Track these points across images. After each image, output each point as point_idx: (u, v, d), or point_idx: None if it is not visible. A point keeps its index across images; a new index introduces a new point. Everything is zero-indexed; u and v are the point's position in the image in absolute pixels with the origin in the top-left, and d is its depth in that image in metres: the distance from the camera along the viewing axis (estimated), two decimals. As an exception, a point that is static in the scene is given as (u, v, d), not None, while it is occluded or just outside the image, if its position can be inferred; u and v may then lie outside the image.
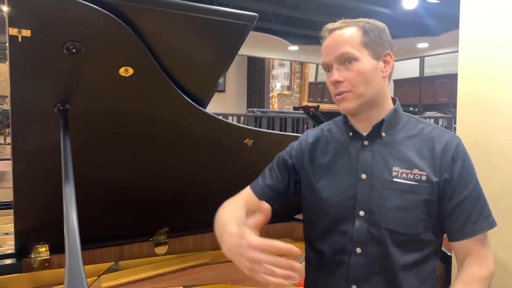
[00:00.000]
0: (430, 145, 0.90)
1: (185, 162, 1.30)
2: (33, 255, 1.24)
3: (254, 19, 0.98)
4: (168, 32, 0.96)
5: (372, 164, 0.90)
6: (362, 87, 0.89)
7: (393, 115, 0.94)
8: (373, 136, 0.93)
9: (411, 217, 0.87)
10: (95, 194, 1.21)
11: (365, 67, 0.88)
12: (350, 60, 0.89)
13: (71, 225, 0.76)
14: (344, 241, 0.91)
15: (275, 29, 7.34)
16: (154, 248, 1.44)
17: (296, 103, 10.97)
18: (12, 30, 0.76)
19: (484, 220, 0.90)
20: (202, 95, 1.14)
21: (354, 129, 0.95)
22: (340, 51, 0.89)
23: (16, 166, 1.05)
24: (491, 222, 0.91)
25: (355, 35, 0.90)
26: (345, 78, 0.89)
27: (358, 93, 0.89)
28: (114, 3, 0.84)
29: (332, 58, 0.90)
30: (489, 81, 1.41)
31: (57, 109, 0.96)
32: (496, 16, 1.38)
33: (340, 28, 0.91)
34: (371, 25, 0.92)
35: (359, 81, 0.88)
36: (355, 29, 0.90)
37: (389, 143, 0.92)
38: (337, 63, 0.90)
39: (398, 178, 0.88)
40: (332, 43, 0.91)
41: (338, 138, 0.98)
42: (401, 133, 0.93)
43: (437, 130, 0.93)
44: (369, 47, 0.90)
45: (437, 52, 8.61)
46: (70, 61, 0.88)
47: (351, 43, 0.89)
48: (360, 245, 0.89)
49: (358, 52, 0.88)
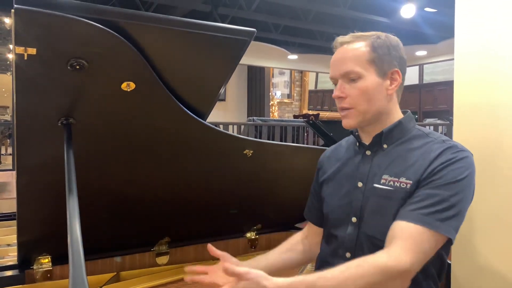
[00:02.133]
0: (425, 155, 0.89)
1: (186, 173, 1.32)
2: (35, 266, 1.25)
3: (253, 34, 1.01)
4: (169, 48, 0.99)
5: (369, 173, 0.93)
6: (364, 105, 0.90)
7: (395, 127, 0.93)
8: (375, 147, 0.95)
9: (384, 222, 0.86)
10: (97, 206, 1.22)
11: (368, 85, 0.89)
12: (354, 79, 0.90)
13: (75, 236, 0.78)
14: (338, 245, 0.95)
15: (275, 38, 7.42)
16: (155, 258, 1.45)
17: (296, 111, 11.02)
18: (18, 48, 0.78)
19: (438, 220, 0.80)
20: (203, 107, 1.16)
21: (360, 140, 0.98)
22: (345, 69, 0.90)
23: (20, 178, 1.07)
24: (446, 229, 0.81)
25: (362, 51, 0.90)
26: (347, 94, 0.90)
27: (360, 111, 0.90)
28: (117, 22, 0.86)
29: (337, 73, 0.92)
30: (485, 89, 1.43)
31: (61, 123, 0.98)
32: (490, 24, 1.41)
33: (349, 43, 0.92)
34: (381, 41, 0.91)
35: (361, 99, 0.89)
36: (363, 44, 0.90)
37: (389, 154, 0.93)
38: (342, 79, 0.91)
39: (382, 185, 0.89)
40: (339, 58, 0.92)
41: (350, 148, 1.03)
42: (404, 145, 0.93)
43: (442, 143, 0.90)
44: (375, 64, 0.90)
45: (436, 59, 8.68)
46: (74, 77, 0.90)
47: (356, 60, 0.89)
48: (350, 250, 0.93)
49: (363, 70, 0.89)
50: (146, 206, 1.33)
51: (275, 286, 0.72)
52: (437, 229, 0.80)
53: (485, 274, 1.40)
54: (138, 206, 1.32)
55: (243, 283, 0.72)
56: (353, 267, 0.77)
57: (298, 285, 0.73)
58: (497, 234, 1.37)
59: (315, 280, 0.74)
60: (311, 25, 6.75)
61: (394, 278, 0.77)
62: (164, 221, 1.42)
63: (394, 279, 0.77)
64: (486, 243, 1.39)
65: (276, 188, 1.50)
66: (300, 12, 6.49)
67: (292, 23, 6.74)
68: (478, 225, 1.38)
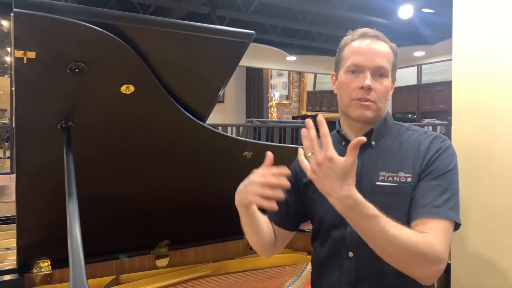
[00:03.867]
0: (416, 147, 0.93)
1: (185, 176, 1.32)
2: (35, 270, 1.25)
3: (252, 36, 1.02)
4: (168, 50, 0.99)
5: (361, 171, 0.93)
6: (383, 102, 0.94)
7: (382, 125, 0.97)
8: (363, 144, 0.95)
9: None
10: (97, 209, 1.22)
11: (389, 85, 0.95)
12: (382, 74, 0.93)
13: (75, 239, 0.78)
14: (339, 245, 0.95)
15: (273, 40, 7.42)
16: (155, 260, 1.45)
17: (295, 112, 11.02)
18: (18, 52, 0.78)
19: (448, 209, 0.85)
20: (202, 110, 1.16)
21: (346, 138, 0.98)
22: (381, 63, 0.92)
23: (20, 182, 1.06)
24: (453, 215, 0.85)
25: (389, 53, 0.95)
26: (374, 88, 0.92)
27: (378, 107, 0.93)
28: (116, 25, 0.87)
29: (370, 64, 0.92)
30: (483, 89, 1.44)
31: (60, 126, 0.99)
32: (488, 25, 1.41)
33: (379, 39, 0.94)
34: (397, 50, 0.97)
35: (383, 97, 0.93)
36: (388, 46, 0.95)
37: (378, 151, 0.95)
38: (372, 71, 0.92)
39: (383, 182, 0.91)
40: (372, 50, 0.93)
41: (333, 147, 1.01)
42: (390, 140, 0.96)
43: (424, 134, 0.96)
44: (393, 68, 0.96)
45: (434, 60, 8.70)
46: (73, 80, 0.90)
47: (388, 58, 0.94)
48: (352, 249, 0.92)
49: (389, 70, 0.94)
50: (146, 209, 1.33)
51: (350, 193, 0.74)
52: (450, 217, 0.84)
53: (485, 273, 1.41)
54: (138, 209, 1.32)
55: (331, 166, 0.73)
56: (409, 230, 0.79)
57: (369, 207, 0.75)
58: (495, 232, 1.37)
59: (381, 215, 0.76)
60: (309, 27, 6.76)
61: (433, 262, 0.79)
62: (164, 224, 1.42)
63: (433, 262, 0.79)
64: (485, 241, 1.39)
65: (275, 190, 1.50)
66: (298, 13, 6.50)
67: (290, 24, 6.75)
68: (477, 223, 1.38)
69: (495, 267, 1.38)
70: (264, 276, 1.46)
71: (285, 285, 1.36)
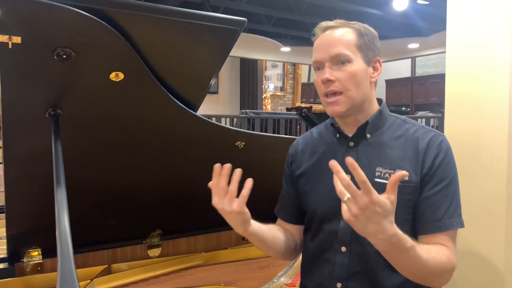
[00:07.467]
0: (414, 145, 0.91)
1: (177, 165, 1.31)
2: (25, 259, 1.24)
3: (243, 24, 1.00)
4: (159, 37, 0.97)
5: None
6: (353, 90, 0.89)
7: (378, 117, 0.95)
8: (358, 137, 0.94)
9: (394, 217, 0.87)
10: (87, 198, 1.21)
11: (357, 69, 0.89)
12: (344, 61, 0.89)
13: (63, 228, 0.77)
14: (331, 240, 0.93)
15: (267, 30, 7.36)
16: (147, 250, 1.45)
17: (289, 104, 11.00)
18: (2, 37, 0.76)
19: (458, 217, 0.89)
20: (193, 98, 1.15)
21: (340, 131, 0.97)
22: (336, 51, 0.89)
23: (8, 170, 1.05)
24: (462, 222, 0.89)
25: (350, 36, 0.90)
26: (337, 78, 0.89)
27: (349, 96, 0.89)
28: (105, 10, 0.85)
29: (326, 56, 0.90)
30: (476, 82, 1.44)
31: (48, 114, 0.97)
32: (482, 17, 1.41)
33: (335, 28, 0.92)
34: (366, 30, 0.93)
35: (350, 83, 0.89)
36: (350, 30, 0.91)
37: (374, 144, 0.93)
38: (330, 62, 0.90)
39: (380, 179, 0.89)
40: (327, 41, 0.91)
41: (327, 140, 1.00)
42: (387, 134, 0.94)
43: (422, 129, 0.94)
44: (362, 50, 0.90)
45: (428, 52, 8.70)
46: (60, 66, 0.89)
47: (346, 44, 0.89)
48: (345, 244, 0.91)
49: (352, 54, 0.89)
50: (137, 199, 1.33)
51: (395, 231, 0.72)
52: (460, 225, 0.88)
53: (477, 267, 1.42)
54: (129, 199, 1.31)
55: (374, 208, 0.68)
56: (433, 250, 0.82)
57: (406, 239, 0.75)
58: (488, 225, 1.38)
59: (415, 243, 0.77)
60: (304, 17, 6.71)
61: (450, 272, 0.84)
62: (155, 214, 1.41)
63: (449, 273, 0.84)
64: (475, 233, 1.41)
65: (268, 180, 1.50)
66: (293, 4, 6.44)
67: (285, 15, 6.69)
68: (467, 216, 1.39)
69: (485, 260, 1.40)
70: (257, 266, 1.47)
71: (277, 275, 1.37)
